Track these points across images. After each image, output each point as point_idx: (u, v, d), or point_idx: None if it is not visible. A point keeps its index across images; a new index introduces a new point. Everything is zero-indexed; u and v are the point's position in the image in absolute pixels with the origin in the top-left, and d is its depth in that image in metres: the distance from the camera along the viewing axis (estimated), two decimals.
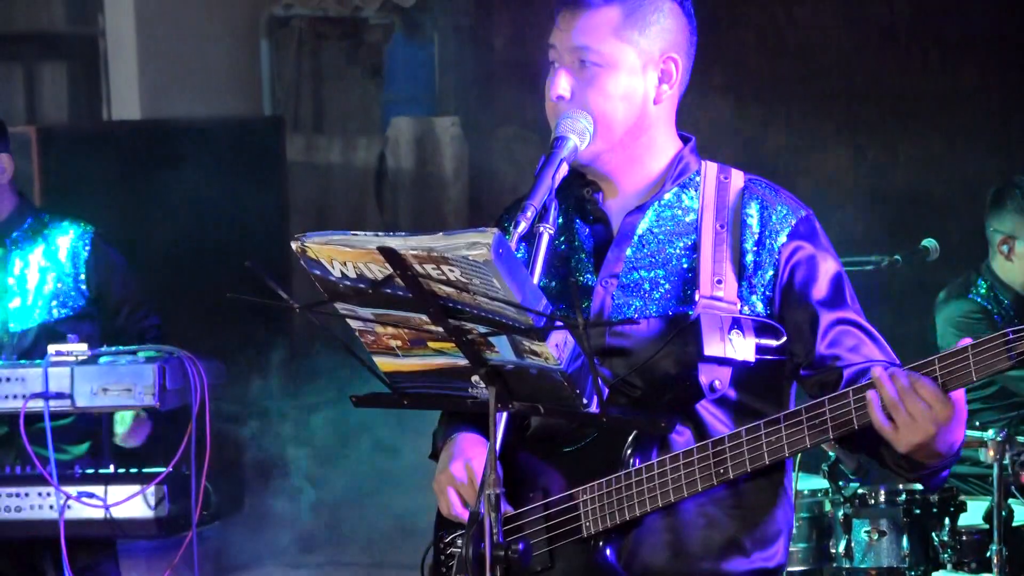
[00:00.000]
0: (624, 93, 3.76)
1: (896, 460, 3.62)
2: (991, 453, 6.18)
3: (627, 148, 3.80)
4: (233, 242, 7.63)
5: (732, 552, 3.78)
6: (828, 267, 3.79)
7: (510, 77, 11.22)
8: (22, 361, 6.27)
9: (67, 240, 6.62)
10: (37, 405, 6.10)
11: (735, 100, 10.21)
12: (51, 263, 6.59)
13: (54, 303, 6.58)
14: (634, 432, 3.71)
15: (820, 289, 3.76)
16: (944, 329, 7.06)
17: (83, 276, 6.59)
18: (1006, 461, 6.20)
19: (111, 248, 6.68)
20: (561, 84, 3.73)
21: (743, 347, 3.69)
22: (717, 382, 3.69)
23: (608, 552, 3.73)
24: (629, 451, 3.70)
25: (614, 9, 3.73)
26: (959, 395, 3.48)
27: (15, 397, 6.08)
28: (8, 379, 6.12)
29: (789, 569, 3.88)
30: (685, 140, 3.87)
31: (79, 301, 6.58)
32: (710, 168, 3.87)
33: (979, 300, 7.07)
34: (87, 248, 6.60)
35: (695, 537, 3.76)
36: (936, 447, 3.52)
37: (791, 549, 5.01)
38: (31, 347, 6.34)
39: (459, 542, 3.64)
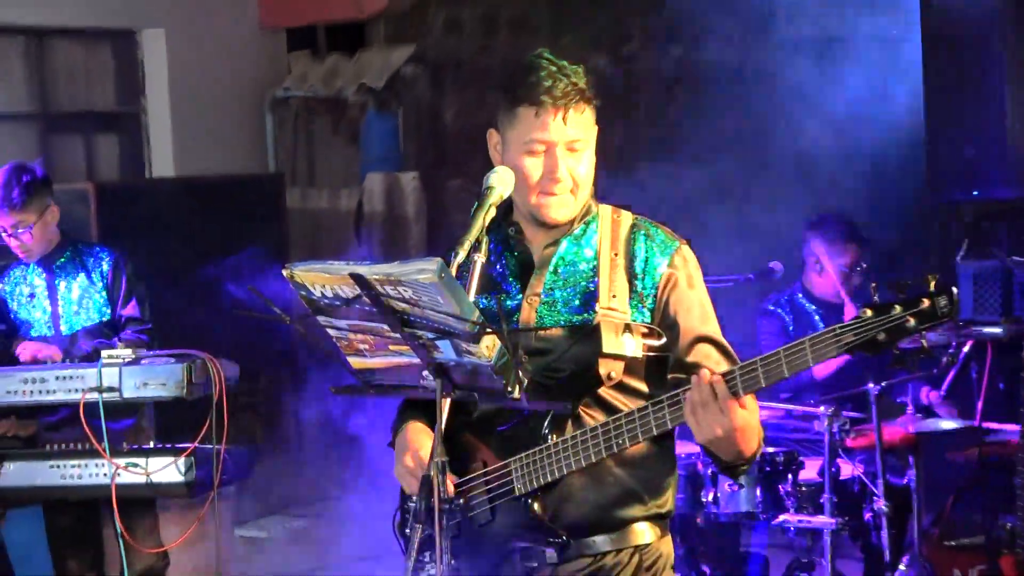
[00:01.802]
0: (592, 169, 3.82)
1: (704, 448, 3.66)
2: (824, 424, 6.20)
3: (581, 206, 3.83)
4: (244, 274, 7.56)
5: (633, 502, 3.79)
6: (695, 293, 3.83)
7: (458, 141, 11.23)
8: (81, 363, 6.24)
9: (97, 263, 6.60)
10: (93, 397, 6.07)
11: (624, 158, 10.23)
12: (86, 281, 6.57)
13: (88, 312, 6.56)
14: (550, 413, 3.69)
15: (687, 311, 3.79)
16: (761, 326, 7.09)
17: (105, 291, 6.57)
18: (834, 430, 6.22)
19: (131, 271, 6.65)
20: (564, 168, 3.73)
21: (632, 346, 3.70)
22: (613, 372, 3.69)
23: (536, 506, 3.72)
24: (547, 429, 3.70)
25: (590, 107, 3.77)
26: (749, 415, 3.54)
27: (76, 391, 6.06)
28: (71, 377, 6.12)
29: (662, 514, 3.86)
30: None
31: (105, 311, 6.56)
32: (604, 209, 3.90)
33: (780, 310, 7.07)
34: (110, 270, 6.58)
35: (604, 492, 3.76)
36: (728, 448, 3.59)
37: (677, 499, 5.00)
38: (70, 345, 6.32)
39: (414, 502, 3.65)
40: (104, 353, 6.24)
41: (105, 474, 6.16)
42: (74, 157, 11.08)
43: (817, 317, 6.98)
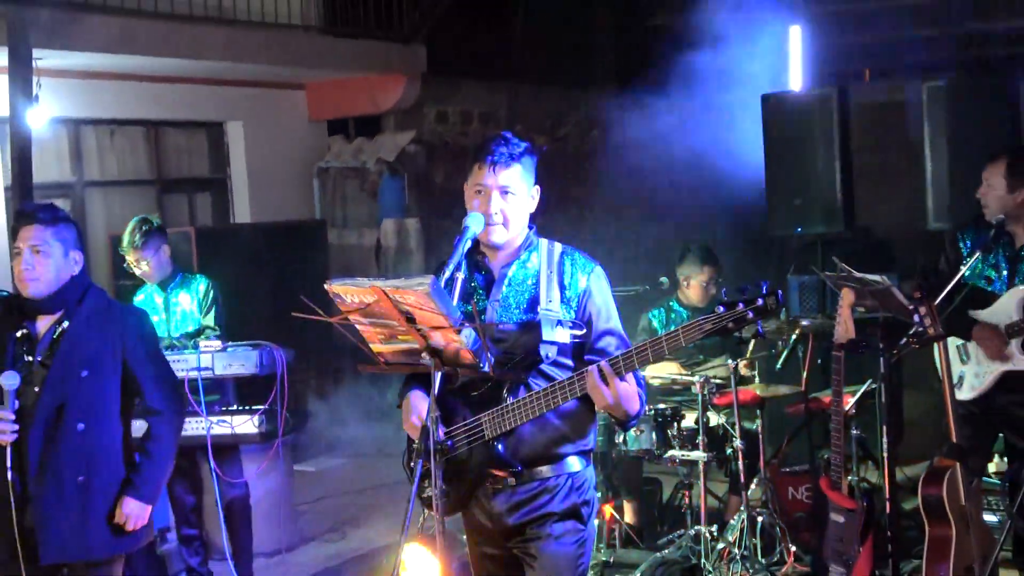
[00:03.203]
0: (523, 209, 3.80)
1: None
2: (698, 388, 6.20)
3: (514, 234, 3.82)
4: (298, 288, 7.45)
5: (566, 442, 3.80)
6: (604, 300, 3.85)
7: (445, 196, 11.22)
8: (187, 349, 6.22)
9: (196, 287, 6.57)
10: (193, 374, 6.06)
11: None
12: (190, 300, 6.54)
13: (191, 321, 6.53)
14: (508, 382, 3.70)
15: (599, 313, 3.81)
16: (641, 323, 7.06)
17: (200, 306, 6.54)
18: (705, 392, 6.22)
19: (218, 293, 6.62)
20: (495, 205, 3.73)
21: (562, 335, 3.74)
22: (550, 354, 3.73)
23: (500, 447, 3.72)
24: (506, 392, 3.70)
25: (519, 165, 3.74)
26: (628, 387, 3.59)
27: (183, 370, 6.04)
28: (179, 360, 6.09)
29: (586, 450, 3.87)
30: (530, 226, 3.88)
31: (199, 321, 6.53)
32: (543, 241, 3.91)
33: (655, 314, 7.04)
34: (206, 293, 6.56)
35: (546, 435, 3.76)
36: (617, 410, 3.61)
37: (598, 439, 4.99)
38: (180, 346, 6.28)
39: (416, 445, 3.68)
40: (202, 343, 6.24)
41: (203, 428, 6.15)
42: (180, 210, 11.04)
43: (687, 319, 6.97)
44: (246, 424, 6.20)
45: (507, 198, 3.76)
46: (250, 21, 10.11)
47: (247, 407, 6.29)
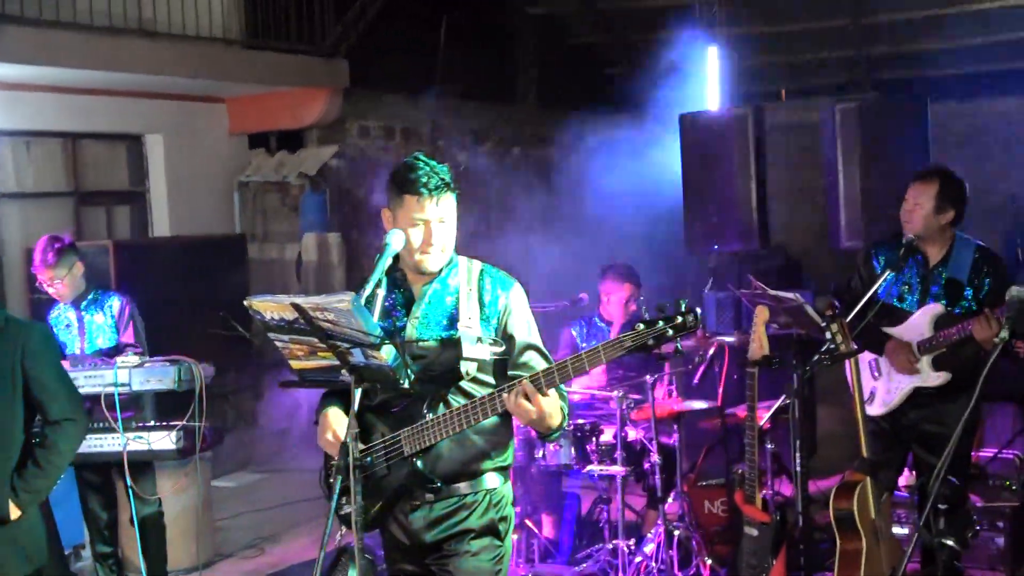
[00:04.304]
0: (455, 233, 3.81)
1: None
2: (617, 403, 6.23)
3: (447, 258, 3.83)
4: (218, 303, 7.37)
5: (485, 458, 3.80)
6: (524, 315, 3.85)
7: (367, 212, 11.19)
8: (103, 365, 6.13)
9: (110, 305, 6.48)
10: (110, 390, 5.97)
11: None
12: (104, 317, 6.45)
13: (106, 338, 6.44)
14: (428, 398, 3.69)
15: (519, 329, 3.81)
16: (561, 338, 7.08)
17: (115, 324, 6.46)
18: (623, 407, 6.24)
19: (132, 310, 6.53)
20: (436, 237, 3.73)
21: (482, 352, 3.72)
22: (470, 370, 3.71)
23: (419, 463, 3.71)
24: (425, 409, 3.69)
25: (451, 193, 3.74)
26: (551, 402, 3.61)
27: (99, 386, 6.00)
28: (95, 376, 6.04)
29: (505, 466, 3.89)
30: None
31: (114, 338, 6.44)
32: (462, 259, 3.90)
33: (576, 329, 7.08)
34: (120, 311, 6.47)
35: (465, 451, 3.76)
36: (540, 424, 3.64)
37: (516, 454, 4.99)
38: (93, 361, 6.19)
39: (334, 461, 3.67)
40: (119, 359, 6.16)
41: (119, 443, 6.06)
42: (98, 223, 10.88)
43: (607, 334, 7.00)
44: (163, 440, 6.13)
45: (444, 226, 3.76)
46: (171, 34, 10.00)
47: (165, 423, 6.21)
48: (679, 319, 3.42)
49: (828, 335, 5.01)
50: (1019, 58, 11.63)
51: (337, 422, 3.78)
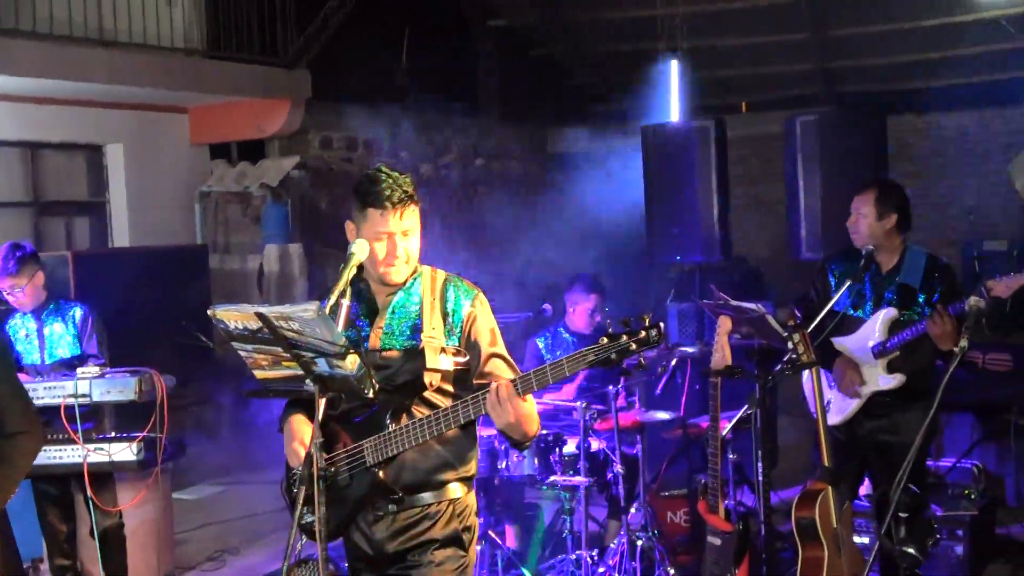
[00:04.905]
0: (419, 243, 3.81)
1: (501, 431, 3.71)
2: (580, 413, 6.23)
3: (412, 269, 3.83)
4: (179, 314, 7.40)
5: (448, 469, 3.78)
6: (488, 324, 3.84)
7: (329, 223, 11.17)
8: (63, 376, 6.08)
9: (72, 314, 6.42)
10: (70, 401, 5.92)
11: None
12: (65, 327, 6.39)
13: (67, 348, 6.38)
14: (390, 408, 3.68)
15: (484, 338, 3.80)
16: (527, 348, 7.08)
17: (77, 334, 6.40)
18: (586, 418, 6.24)
19: (95, 320, 6.47)
20: (401, 249, 3.72)
21: (447, 362, 3.72)
22: (434, 381, 3.71)
23: (381, 473, 3.70)
24: (388, 419, 3.68)
25: (415, 204, 3.73)
26: (529, 408, 3.65)
27: (58, 397, 5.93)
28: (54, 387, 5.98)
29: (468, 476, 3.88)
30: None
31: (77, 348, 6.38)
32: (426, 269, 3.89)
33: (542, 339, 7.09)
34: (83, 321, 6.41)
35: (428, 462, 3.74)
36: (516, 430, 3.65)
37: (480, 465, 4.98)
38: (53, 371, 6.13)
39: (297, 471, 3.66)
40: (79, 370, 6.10)
41: (79, 455, 6.00)
42: (58, 233, 10.80)
43: (573, 345, 7.02)
44: (124, 451, 6.06)
45: (408, 238, 3.76)
46: (132, 43, 9.95)
47: (125, 434, 6.16)
48: (643, 333, 3.43)
49: (790, 345, 5.04)
50: (976, 73, 11.77)
51: (302, 430, 3.77)
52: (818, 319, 5.37)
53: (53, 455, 5.96)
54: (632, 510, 6.48)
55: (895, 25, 11.79)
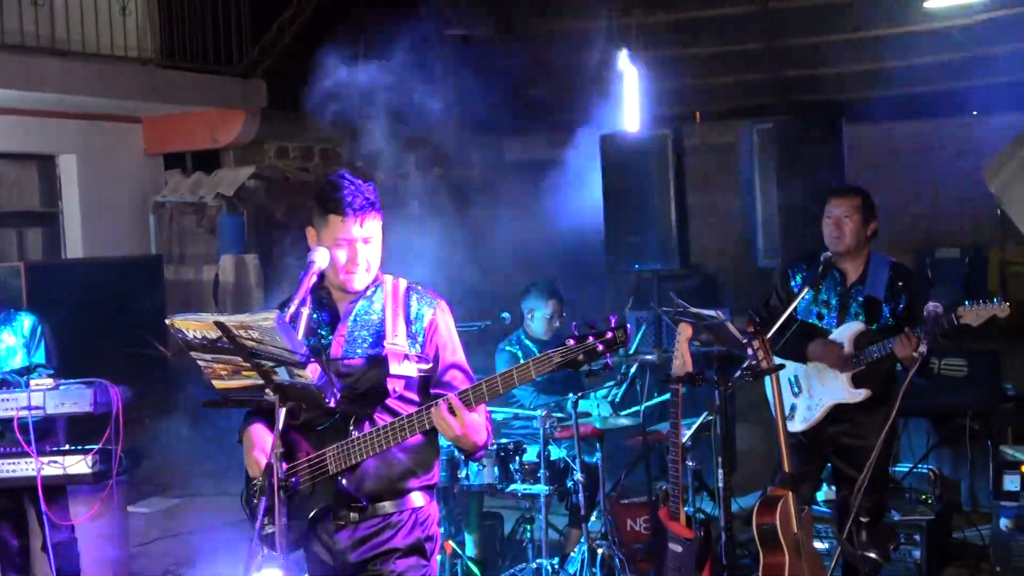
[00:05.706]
0: (380, 251, 3.79)
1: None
2: (540, 422, 6.22)
3: (373, 276, 3.81)
4: (137, 323, 7.34)
5: (411, 476, 3.78)
6: (449, 334, 3.85)
7: (286, 232, 11.11)
8: (15, 388, 5.99)
9: (21, 324, 6.33)
10: (24, 413, 5.84)
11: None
12: (15, 337, 6.30)
13: (17, 359, 6.30)
14: (353, 416, 3.66)
15: (444, 346, 3.81)
16: (499, 360, 7.08)
17: (26, 344, 6.32)
18: (547, 426, 6.22)
19: (45, 330, 6.39)
20: (362, 256, 3.70)
21: (409, 369, 3.72)
22: (397, 388, 3.71)
23: (344, 481, 3.69)
24: (352, 427, 3.67)
25: (375, 211, 3.71)
26: (478, 418, 3.66)
27: (10, 409, 5.85)
28: (7, 399, 5.89)
29: (430, 485, 3.87)
30: None
31: (27, 358, 6.30)
32: (388, 277, 3.89)
33: (512, 348, 7.10)
34: (32, 330, 6.33)
35: (391, 470, 3.74)
36: (465, 442, 3.66)
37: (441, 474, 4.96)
38: (1, 382, 6.05)
39: (257, 481, 3.66)
40: (33, 382, 6.02)
41: (33, 468, 5.91)
42: (9, 244, 10.68)
43: (536, 350, 7.02)
44: (79, 464, 5.99)
45: (370, 245, 3.74)
46: (84, 52, 9.87)
47: (80, 447, 6.08)
48: (609, 334, 3.43)
49: (750, 351, 5.06)
50: (929, 82, 11.89)
51: (262, 439, 3.74)
52: (778, 324, 5.39)
53: (6, 468, 5.89)
54: (593, 518, 6.48)
55: (849, 35, 11.89)
